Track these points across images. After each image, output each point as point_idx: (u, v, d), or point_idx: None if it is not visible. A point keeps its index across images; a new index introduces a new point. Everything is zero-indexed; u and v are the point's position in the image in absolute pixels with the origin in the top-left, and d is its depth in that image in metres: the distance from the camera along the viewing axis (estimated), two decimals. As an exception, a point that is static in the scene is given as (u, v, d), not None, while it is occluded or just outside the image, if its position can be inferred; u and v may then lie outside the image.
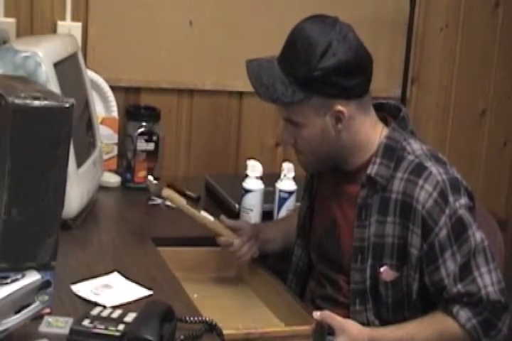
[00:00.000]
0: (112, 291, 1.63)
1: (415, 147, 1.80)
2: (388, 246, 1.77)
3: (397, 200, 1.76)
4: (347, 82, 1.74)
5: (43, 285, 1.36)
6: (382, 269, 1.79)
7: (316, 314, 1.70)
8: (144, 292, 1.65)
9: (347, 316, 1.80)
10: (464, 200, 1.76)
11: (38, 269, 1.39)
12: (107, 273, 1.72)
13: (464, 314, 1.72)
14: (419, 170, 1.75)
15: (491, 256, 1.75)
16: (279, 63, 1.79)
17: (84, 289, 1.62)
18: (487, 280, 1.73)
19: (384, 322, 1.82)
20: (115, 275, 1.71)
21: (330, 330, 1.70)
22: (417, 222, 1.73)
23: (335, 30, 1.76)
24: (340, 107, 1.75)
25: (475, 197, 1.83)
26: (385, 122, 1.87)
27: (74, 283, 1.66)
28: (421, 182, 1.73)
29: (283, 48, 1.80)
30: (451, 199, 1.73)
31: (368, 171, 1.79)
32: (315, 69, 1.72)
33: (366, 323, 1.81)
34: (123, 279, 1.70)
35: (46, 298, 1.38)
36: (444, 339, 1.75)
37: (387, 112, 1.88)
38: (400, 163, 1.78)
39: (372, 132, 1.83)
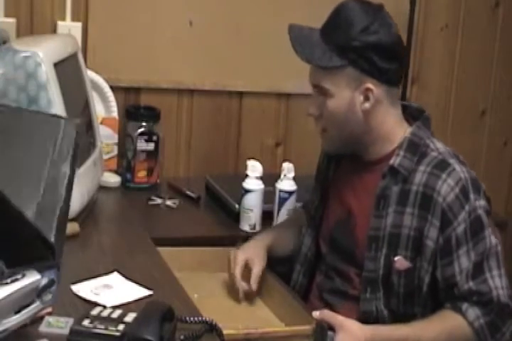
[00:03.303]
0: (112, 291, 1.63)
1: (438, 145, 1.83)
2: (404, 237, 1.78)
3: (418, 192, 1.77)
4: (382, 63, 1.77)
5: (48, 285, 1.36)
6: (396, 258, 1.79)
7: (316, 313, 1.70)
8: (144, 292, 1.65)
9: (357, 308, 1.82)
10: (483, 202, 1.78)
11: (42, 267, 1.38)
12: (106, 273, 1.72)
13: (472, 312, 1.73)
14: (442, 165, 1.78)
15: (501, 261, 1.77)
16: (320, 33, 1.83)
17: (84, 289, 1.62)
18: (498, 283, 1.75)
19: (393, 314, 1.82)
20: (115, 275, 1.71)
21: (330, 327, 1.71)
22: (436, 214, 1.74)
23: (380, 13, 1.80)
24: (370, 85, 1.78)
25: (491, 202, 1.85)
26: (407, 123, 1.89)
27: (74, 283, 1.66)
28: (444, 176, 1.76)
29: (325, 21, 1.85)
30: (471, 197, 1.76)
31: (391, 162, 1.81)
32: (354, 39, 1.77)
33: (375, 312, 1.82)
34: (123, 279, 1.70)
35: (50, 296, 1.38)
36: (452, 338, 1.75)
37: (408, 114, 1.91)
38: (423, 158, 1.80)
39: (397, 127, 1.86)
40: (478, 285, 1.74)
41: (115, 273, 1.72)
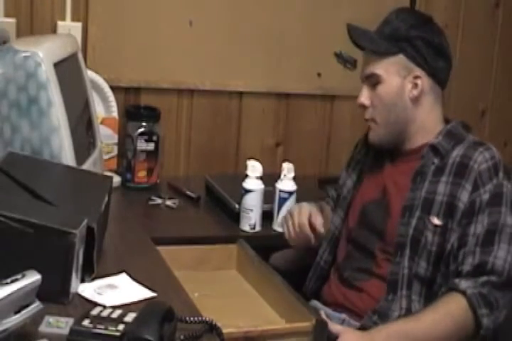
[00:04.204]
0: (115, 292, 1.63)
1: (476, 138, 1.96)
2: (437, 202, 1.87)
3: (454, 163, 1.88)
4: (429, 57, 1.91)
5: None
6: (431, 217, 1.87)
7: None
8: (148, 293, 1.64)
9: (381, 285, 1.89)
10: (510, 185, 1.88)
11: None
12: (115, 274, 1.71)
13: (465, 283, 1.78)
14: (480, 143, 1.92)
15: None
16: (374, 31, 1.96)
17: (87, 289, 1.62)
18: (501, 254, 1.80)
19: (419, 279, 1.87)
20: (123, 276, 1.71)
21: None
22: (470, 179, 1.85)
23: (431, 21, 1.96)
24: (419, 73, 1.91)
25: None
26: None
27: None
28: (481, 149, 1.89)
29: (378, 26, 1.97)
30: (500, 174, 1.87)
31: (431, 142, 1.92)
32: (405, 29, 1.91)
33: (401, 274, 1.87)
34: (130, 280, 1.69)
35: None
36: (451, 318, 1.77)
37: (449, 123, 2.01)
38: (460, 142, 1.92)
39: (438, 123, 1.97)
40: (482, 254, 1.80)
41: (123, 274, 1.71)
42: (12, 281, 1.28)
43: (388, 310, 1.86)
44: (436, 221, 1.86)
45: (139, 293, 1.63)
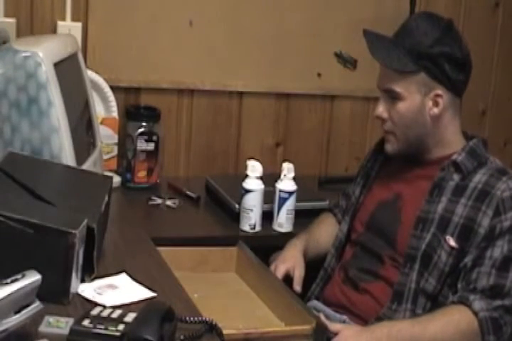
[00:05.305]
0: (115, 292, 1.63)
1: (497, 160, 1.93)
2: (453, 222, 1.85)
3: (476, 188, 1.85)
4: (452, 73, 1.87)
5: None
6: (447, 237, 1.85)
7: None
8: (148, 293, 1.64)
9: (386, 289, 1.88)
10: None
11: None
12: (116, 274, 1.71)
13: (478, 304, 1.76)
14: (503, 171, 1.90)
15: None
16: (392, 39, 1.90)
17: (87, 289, 1.62)
18: None
19: (424, 295, 1.85)
20: (123, 276, 1.71)
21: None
22: (491, 205, 1.82)
23: (451, 28, 1.91)
24: (440, 92, 1.88)
25: None
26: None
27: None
28: (504, 179, 1.85)
29: (398, 29, 1.91)
30: None
31: (453, 157, 1.89)
32: (429, 47, 1.86)
33: (408, 286, 1.86)
34: (130, 280, 1.69)
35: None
36: (459, 329, 1.77)
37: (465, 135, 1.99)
38: (482, 165, 1.90)
39: (458, 136, 1.96)
40: (498, 277, 1.78)
41: (123, 274, 1.72)
42: (12, 281, 1.28)
43: (391, 320, 1.85)
44: (452, 242, 1.84)
45: (139, 293, 1.64)
